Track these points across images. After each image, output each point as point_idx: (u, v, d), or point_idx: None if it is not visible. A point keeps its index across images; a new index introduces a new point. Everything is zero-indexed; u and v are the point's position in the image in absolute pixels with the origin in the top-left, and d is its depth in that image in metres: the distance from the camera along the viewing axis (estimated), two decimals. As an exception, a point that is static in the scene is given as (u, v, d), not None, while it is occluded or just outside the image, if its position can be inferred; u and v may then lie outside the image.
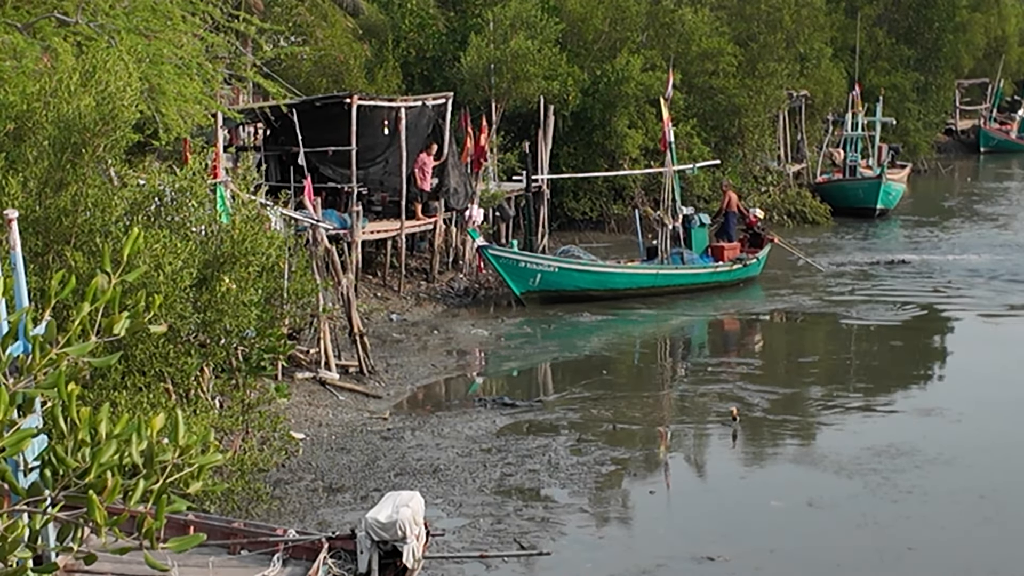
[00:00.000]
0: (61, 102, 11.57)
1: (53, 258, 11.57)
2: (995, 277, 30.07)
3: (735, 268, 28.27)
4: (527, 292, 25.44)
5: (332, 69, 32.79)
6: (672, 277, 27.37)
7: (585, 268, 26.54)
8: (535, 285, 25.48)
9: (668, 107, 28.72)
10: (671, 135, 28.23)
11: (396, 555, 9.34)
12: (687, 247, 28.00)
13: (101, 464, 3.87)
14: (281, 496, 13.84)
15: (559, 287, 25.78)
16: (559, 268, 25.91)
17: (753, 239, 29.77)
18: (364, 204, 26.11)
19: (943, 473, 15.20)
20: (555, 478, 14.89)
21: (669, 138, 28.11)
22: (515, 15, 33.40)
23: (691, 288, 27.44)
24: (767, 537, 13.25)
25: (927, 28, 57.24)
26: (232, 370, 13.61)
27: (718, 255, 28.42)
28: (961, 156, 66.44)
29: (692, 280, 27.72)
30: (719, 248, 28.60)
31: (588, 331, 24.32)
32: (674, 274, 27.40)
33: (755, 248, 29.41)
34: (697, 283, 27.76)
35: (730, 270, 28.23)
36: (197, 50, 17.43)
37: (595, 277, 26.48)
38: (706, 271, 27.95)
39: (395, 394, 18.78)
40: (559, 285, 25.78)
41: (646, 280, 27.12)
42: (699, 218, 28.90)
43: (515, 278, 25.35)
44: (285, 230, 17.30)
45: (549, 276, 25.62)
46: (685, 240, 28.03)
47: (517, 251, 26.50)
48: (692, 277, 27.74)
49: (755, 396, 18.71)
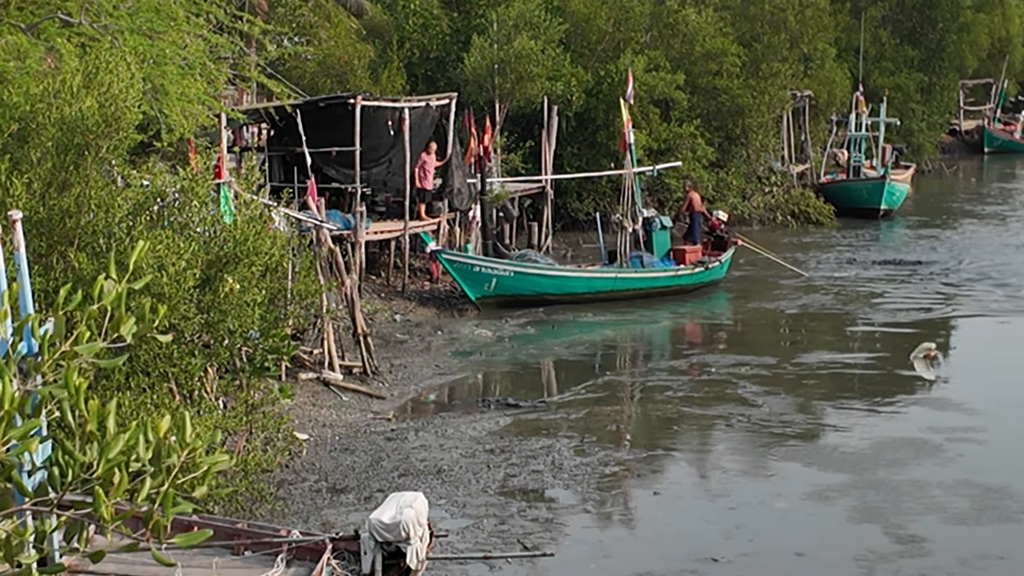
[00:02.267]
0: (64, 103, 11.58)
1: (57, 259, 11.58)
2: (998, 277, 30.05)
3: (697, 271, 27.72)
4: (483, 297, 24.95)
5: (336, 70, 32.82)
6: (632, 281, 26.83)
7: (542, 272, 26.05)
8: (491, 290, 24.97)
9: (628, 109, 28.40)
10: (631, 137, 27.97)
11: (400, 556, 9.34)
12: (648, 250, 27.57)
13: (109, 460, 3.87)
14: (285, 497, 13.84)
15: (516, 292, 25.24)
16: (515, 272, 25.41)
17: (716, 242, 29.20)
18: (368, 205, 26.13)
19: (948, 472, 15.19)
20: (559, 479, 14.89)
21: (629, 140, 27.88)
22: (518, 15, 33.40)
23: (651, 292, 26.95)
24: (771, 538, 13.24)
25: (931, 29, 57.21)
26: (236, 371, 13.62)
27: (679, 258, 27.90)
28: (965, 156, 66.39)
29: (652, 284, 27.15)
30: (680, 251, 28.08)
31: (591, 332, 24.32)
32: (634, 278, 26.85)
33: (718, 251, 28.86)
34: (658, 287, 27.20)
35: (692, 273, 27.67)
36: (201, 51, 17.43)
37: (552, 281, 25.96)
38: (667, 275, 27.38)
39: (399, 395, 18.78)
40: (515, 290, 25.26)
41: (605, 284, 26.52)
42: (660, 221, 28.39)
43: (470, 283, 24.85)
44: (288, 230, 17.30)
45: (505, 281, 25.12)
46: (646, 243, 27.61)
47: (472, 255, 25.88)
48: (652, 281, 27.16)
49: (758, 397, 18.70)
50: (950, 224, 40.93)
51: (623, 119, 27.90)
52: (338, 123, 25.26)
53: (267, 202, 16.14)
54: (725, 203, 38.79)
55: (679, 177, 37.43)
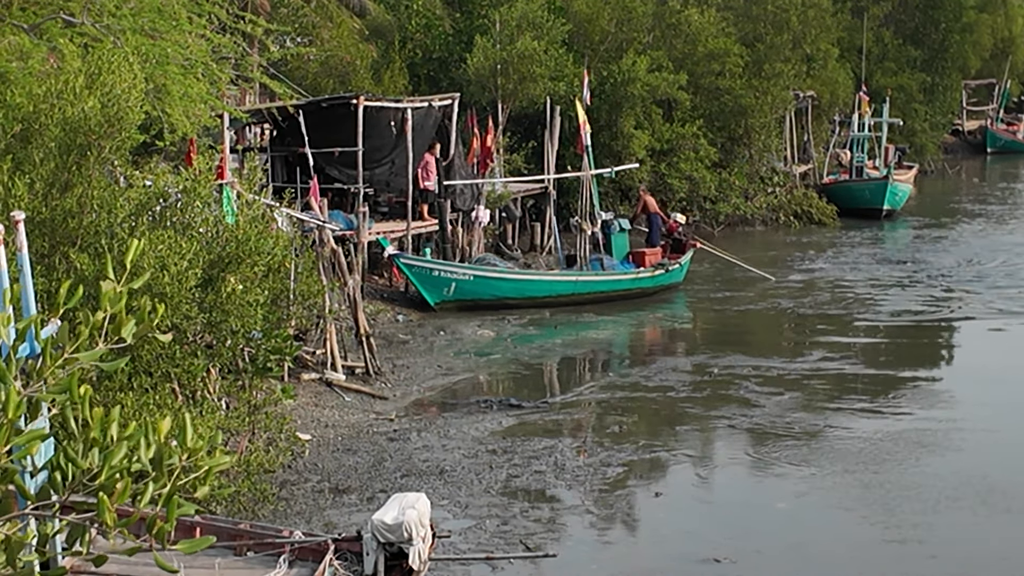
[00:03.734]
0: (66, 104, 11.59)
1: (59, 260, 11.58)
2: (1001, 278, 30.02)
3: (657, 274, 27.54)
4: (442, 302, 24.55)
5: (339, 70, 32.82)
6: (592, 284, 26.62)
7: (502, 276, 25.74)
8: (450, 295, 24.57)
9: (584, 109, 28.29)
10: (587, 138, 27.88)
11: (402, 557, 9.33)
12: (607, 253, 27.41)
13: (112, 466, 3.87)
14: (287, 497, 13.84)
15: (475, 296, 24.90)
16: (475, 276, 25.06)
17: (675, 245, 28.95)
18: (370, 205, 26.13)
19: (950, 472, 15.17)
20: (561, 479, 14.89)
21: (586, 142, 27.78)
22: (521, 16, 33.40)
23: (612, 296, 26.75)
24: (773, 539, 13.24)
25: (934, 29, 57.16)
26: (238, 371, 13.63)
27: (639, 261, 27.73)
28: (968, 157, 66.34)
29: (613, 287, 26.92)
30: (640, 254, 27.90)
31: (593, 332, 24.31)
32: (594, 281, 26.66)
33: (677, 254, 28.61)
34: (618, 290, 26.96)
35: (652, 276, 27.48)
36: (203, 51, 17.44)
37: (513, 285, 25.65)
38: (627, 278, 27.17)
39: (401, 395, 18.78)
40: (475, 294, 24.92)
41: (565, 288, 26.26)
42: (618, 223, 28.23)
43: (429, 288, 24.41)
44: (291, 229, 17.30)
45: (464, 285, 24.74)
46: (605, 246, 27.44)
47: (430, 259, 25.31)
48: (613, 284, 26.94)
49: (760, 398, 18.69)
50: (953, 225, 40.90)
51: (579, 120, 27.80)
52: (341, 123, 25.26)
53: (269, 202, 16.15)
54: (728, 203, 38.83)
55: (682, 177, 37.45)
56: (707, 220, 38.38)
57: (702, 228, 38.15)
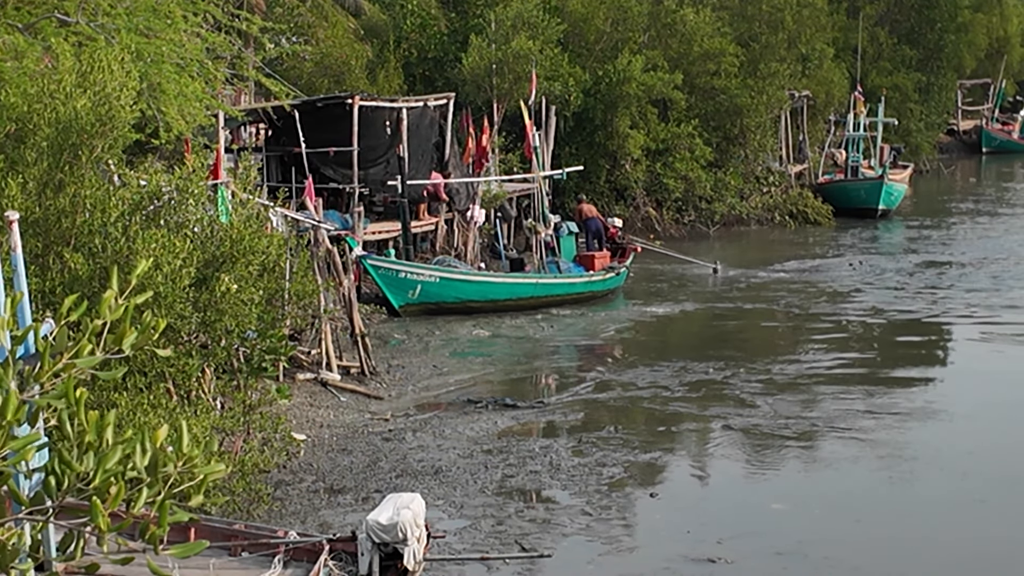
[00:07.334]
0: (59, 103, 11.56)
1: (53, 259, 11.55)
2: (996, 277, 30.04)
3: (608, 277, 27.60)
4: (406, 305, 24.25)
5: (334, 69, 32.81)
6: (550, 287, 26.59)
7: (466, 278, 25.52)
8: (415, 297, 24.30)
9: (530, 112, 28.18)
10: (535, 141, 27.85)
11: (397, 557, 9.32)
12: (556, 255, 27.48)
13: (106, 470, 3.85)
14: (282, 497, 13.81)
15: (440, 299, 24.69)
16: (441, 278, 24.76)
17: (614, 249, 28.95)
18: (365, 205, 26.11)
19: (945, 473, 15.18)
20: (556, 479, 14.87)
21: (534, 144, 27.76)
22: (516, 16, 33.40)
23: (568, 299, 26.70)
24: (769, 539, 13.22)
25: (929, 28, 57.23)
26: (233, 371, 13.60)
27: (588, 264, 27.76)
28: (963, 156, 66.46)
29: (569, 290, 26.91)
30: (589, 257, 27.96)
31: (589, 332, 24.29)
32: (552, 284, 26.66)
33: (620, 258, 28.66)
34: (575, 293, 26.95)
35: (604, 279, 27.53)
36: (198, 49, 17.41)
37: (477, 287, 25.47)
38: (583, 280, 27.19)
39: (396, 395, 18.76)
40: (440, 297, 24.71)
41: (526, 290, 26.16)
42: (567, 226, 28.27)
43: (394, 290, 24.03)
44: (286, 228, 17.27)
45: (430, 287, 24.47)
46: (553, 249, 27.48)
47: (396, 261, 24.85)
48: (569, 287, 26.93)
49: (757, 398, 18.68)
50: (948, 224, 40.94)
51: (525, 122, 27.77)
52: (336, 123, 25.25)
53: (264, 202, 16.12)
54: (723, 203, 38.84)
55: (677, 177, 37.46)
56: (703, 220, 38.40)
57: (697, 228, 38.19)
